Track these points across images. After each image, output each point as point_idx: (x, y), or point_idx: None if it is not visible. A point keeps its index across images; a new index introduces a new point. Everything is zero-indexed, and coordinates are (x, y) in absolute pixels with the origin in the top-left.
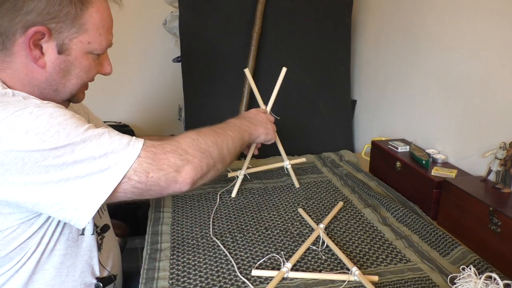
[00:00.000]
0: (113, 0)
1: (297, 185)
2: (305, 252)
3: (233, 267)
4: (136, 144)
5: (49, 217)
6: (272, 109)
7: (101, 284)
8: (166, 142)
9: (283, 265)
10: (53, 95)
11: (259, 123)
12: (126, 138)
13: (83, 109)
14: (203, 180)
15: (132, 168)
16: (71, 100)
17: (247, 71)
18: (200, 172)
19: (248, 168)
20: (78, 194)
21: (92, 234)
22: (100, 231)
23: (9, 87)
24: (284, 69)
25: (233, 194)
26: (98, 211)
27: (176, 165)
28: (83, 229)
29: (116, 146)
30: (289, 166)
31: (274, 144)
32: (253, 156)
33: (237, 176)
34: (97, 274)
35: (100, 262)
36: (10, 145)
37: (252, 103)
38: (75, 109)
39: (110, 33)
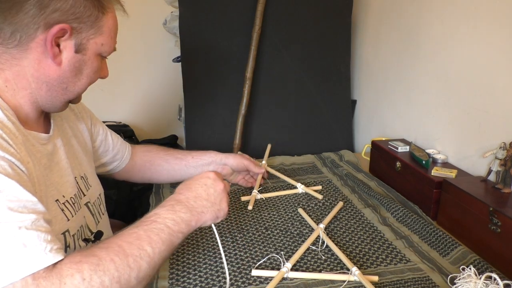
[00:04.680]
0: (122, 10)
1: (319, 197)
2: (305, 252)
3: (233, 267)
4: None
5: None
6: (272, 110)
7: None
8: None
9: (283, 265)
10: (61, 93)
11: (209, 205)
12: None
13: (85, 112)
14: None
15: None
16: (72, 101)
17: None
18: None
19: (260, 190)
20: None
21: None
22: (94, 238)
23: (8, 87)
24: (269, 146)
25: (250, 207)
26: (94, 217)
27: None
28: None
29: None
30: (302, 189)
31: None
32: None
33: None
34: None
35: None
36: None
37: (252, 103)
38: (76, 112)
39: (116, 38)
